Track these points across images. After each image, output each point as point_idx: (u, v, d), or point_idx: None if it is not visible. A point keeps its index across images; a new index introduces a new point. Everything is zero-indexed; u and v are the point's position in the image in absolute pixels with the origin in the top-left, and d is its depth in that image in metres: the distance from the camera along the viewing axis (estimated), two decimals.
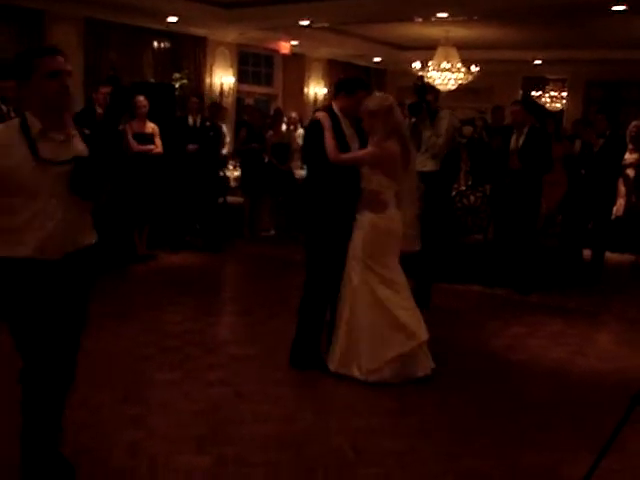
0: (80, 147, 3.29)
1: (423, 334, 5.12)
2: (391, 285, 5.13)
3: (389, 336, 5.04)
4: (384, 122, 5.04)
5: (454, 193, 8.55)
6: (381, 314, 5.06)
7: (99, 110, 8.41)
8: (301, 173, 11.36)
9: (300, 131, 12.40)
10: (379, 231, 5.09)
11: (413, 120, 7.01)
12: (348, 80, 5.69)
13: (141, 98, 8.75)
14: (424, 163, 6.82)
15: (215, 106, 11.19)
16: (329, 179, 5.15)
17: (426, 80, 12.65)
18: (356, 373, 5.06)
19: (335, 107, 5.34)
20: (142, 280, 8.04)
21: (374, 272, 5.10)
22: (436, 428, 4.42)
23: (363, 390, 4.93)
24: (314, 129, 5.32)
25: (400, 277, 5.19)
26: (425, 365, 5.16)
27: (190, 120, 9.82)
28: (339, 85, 5.51)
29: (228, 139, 11.94)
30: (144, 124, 8.76)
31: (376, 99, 5.14)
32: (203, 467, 3.75)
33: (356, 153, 5.17)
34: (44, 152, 3.13)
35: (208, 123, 10.00)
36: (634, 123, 9.60)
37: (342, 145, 5.15)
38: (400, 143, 5.10)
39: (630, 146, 9.20)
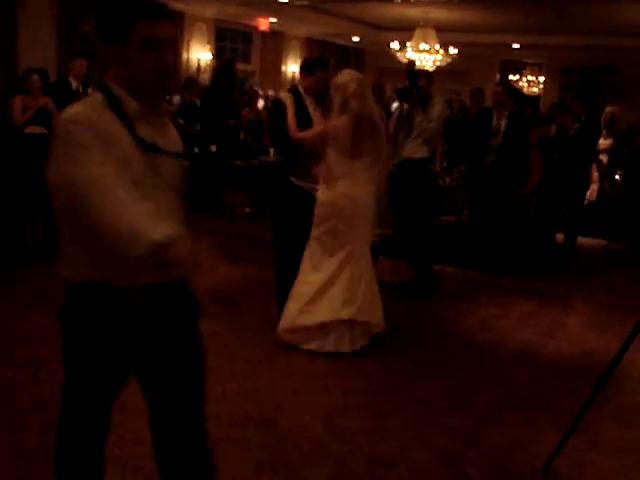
0: (178, 138, 2.45)
1: (346, 313, 5.07)
2: (336, 259, 5.13)
3: (311, 304, 5.11)
4: (339, 97, 5.08)
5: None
6: (314, 282, 5.14)
7: (74, 82, 8.30)
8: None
9: None
10: (328, 204, 5.12)
11: (406, 106, 6.98)
12: (307, 60, 5.91)
13: None
14: (414, 150, 6.78)
15: (190, 81, 11.10)
16: (292, 155, 5.29)
17: (418, 65, 12.64)
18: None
19: (300, 87, 5.57)
20: None
21: (320, 242, 5.17)
22: (405, 407, 4.44)
23: (333, 366, 4.95)
24: (276, 108, 5.54)
25: (354, 255, 5.14)
26: (347, 342, 5.14)
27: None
28: (301, 65, 5.77)
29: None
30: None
31: (340, 75, 5.19)
32: None
33: (307, 132, 5.23)
34: (146, 139, 2.23)
35: (168, 97, 9.88)
36: (609, 109, 9.68)
37: (305, 123, 5.30)
38: (355, 121, 5.06)
39: (604, 132, 9.27)
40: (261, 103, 11.81)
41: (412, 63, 7.43)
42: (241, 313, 6.05)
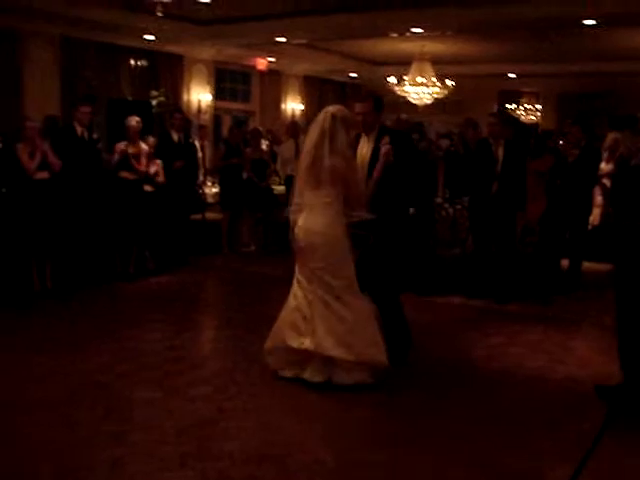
0: None
1: (311, 344, 5.09)
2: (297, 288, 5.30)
3: (283, 328, 5.27)
4: None
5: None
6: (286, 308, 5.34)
7: (79, 128, 8.41)
8: (280, 189, 11.41)
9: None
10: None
11: None
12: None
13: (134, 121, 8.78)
14: None
15: (202, 128, 11.59)
16: None
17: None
18: None
19: None
20: (122, 299, 8.01)
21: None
22: (418, 437, 4.43)
23: (342, 400, 4.93)
24: None
25: (315, 284, 5.16)
26: (318, 373, 5.13)
27: (175, 136, 9.83)
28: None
29: (200, 155, 11.88)
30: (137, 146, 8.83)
31: None
32: None
33: None
34: None
35: (191, 140, 10.14)
36: (613, 135, 9.69)
37: None
38: (310, 151, 5.21)
39: (606, 155, 9.31)
40: (263, 143, 11.89)
41: None
42: (252, 350, 6.04)
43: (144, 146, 8.89)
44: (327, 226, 5.14)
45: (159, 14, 7.65)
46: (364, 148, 5.50)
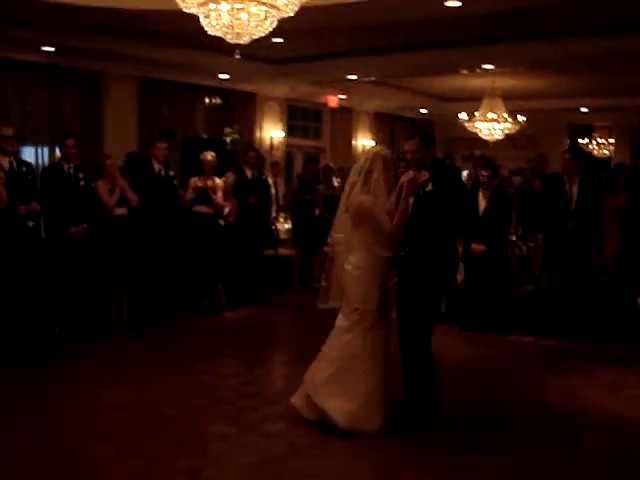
0: None
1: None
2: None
3: None
4: None
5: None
6: None
7: (156, 165, 8.66)
8: None
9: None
10: None
11: None
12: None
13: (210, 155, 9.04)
14: None
15: (275, 164, 12.03)
16: None
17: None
18: None
19: None
20: (196, 332, 8.15)
21: None
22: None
23: (418, 445, 4.90)
24: None
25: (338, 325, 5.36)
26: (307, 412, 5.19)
27: (249, 174, 10.06)
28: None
29: (273, 191, 12.09)
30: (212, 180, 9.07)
31: None
32: None
33: None
34: None
35: (264, 176, 10.37)
36: None
37: None
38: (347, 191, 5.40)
39: None
40: (335, 180, 12.00)
41: None
42: None
43: (218, 181, 9.10)
44: (356, 267, 5.17)
45: (237, 56, 7.85)
46: None
